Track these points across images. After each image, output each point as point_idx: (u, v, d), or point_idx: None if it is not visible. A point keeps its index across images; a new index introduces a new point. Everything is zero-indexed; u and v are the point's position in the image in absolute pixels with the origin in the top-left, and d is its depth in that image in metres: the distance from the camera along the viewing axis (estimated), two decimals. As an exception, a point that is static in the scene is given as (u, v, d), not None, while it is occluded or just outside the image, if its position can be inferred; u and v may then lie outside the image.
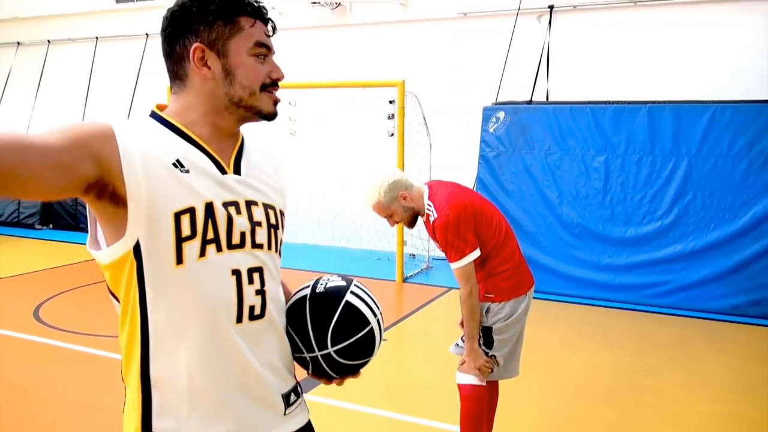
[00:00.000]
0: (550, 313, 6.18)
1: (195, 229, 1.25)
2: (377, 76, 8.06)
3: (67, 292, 6.61)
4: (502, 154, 7.00)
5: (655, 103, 6.43)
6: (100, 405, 3.93)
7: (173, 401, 1.28)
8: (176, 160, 1.27)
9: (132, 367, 1.31)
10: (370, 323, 1.45)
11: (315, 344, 1.42)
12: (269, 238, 1.37)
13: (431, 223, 2.84)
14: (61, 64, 11.26)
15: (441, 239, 2.81)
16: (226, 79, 1.33)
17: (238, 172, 1.37)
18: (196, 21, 1.32)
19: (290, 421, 1.44)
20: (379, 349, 1.50)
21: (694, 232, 6.24)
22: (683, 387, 4.33)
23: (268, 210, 1.39)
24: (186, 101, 1.35)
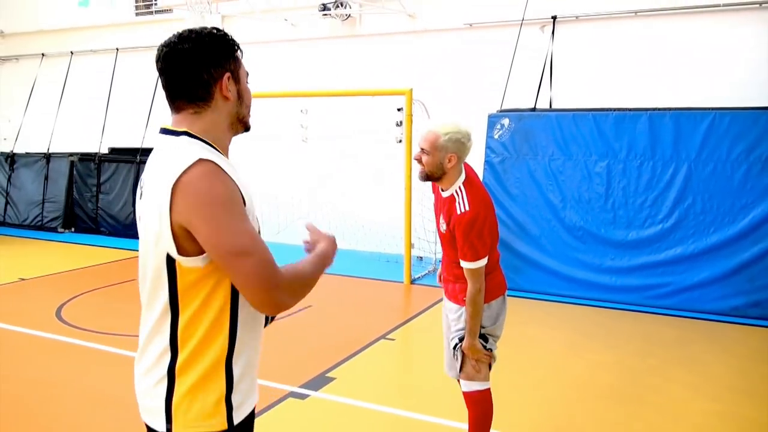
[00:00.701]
0: (553, 314, 6.15)
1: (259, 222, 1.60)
2: (386, 84, 8.07)
3: (88, 293, 6.64)
4: (507, 160, 6.98)
5: (656, 110, 6.40)
6: (120, 401, 3.94)
7: (241, 378, 1.55)
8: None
9: (211, 353, 1.51)
10: None
11: None
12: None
13: (457, 212, 2.67)
14: (83, 74, 11.34)
15: (462, 234, 2.65)
16: (239, 100, 1.61)
17: None
18: (223, 55, 1.57)
19: None
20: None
21: (694, 235, 6.19)
22: (684, 386, 4.29)
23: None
24: (210, 120, 1.57)
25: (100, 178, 10.36)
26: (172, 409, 1.52)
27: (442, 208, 2.80)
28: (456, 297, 2.91)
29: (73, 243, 9.65)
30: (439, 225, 2.86)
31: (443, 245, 2.90)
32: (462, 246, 2.67)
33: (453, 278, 2.90)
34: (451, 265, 2.88)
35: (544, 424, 3.70)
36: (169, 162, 1.48)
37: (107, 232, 10.26)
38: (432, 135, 2.69)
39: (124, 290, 6.81)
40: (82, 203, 10.55)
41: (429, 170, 2.73)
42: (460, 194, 2.71)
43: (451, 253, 2.83)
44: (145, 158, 9.94)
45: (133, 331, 5.32)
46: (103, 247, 9.30)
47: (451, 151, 2.69)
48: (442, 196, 2.82)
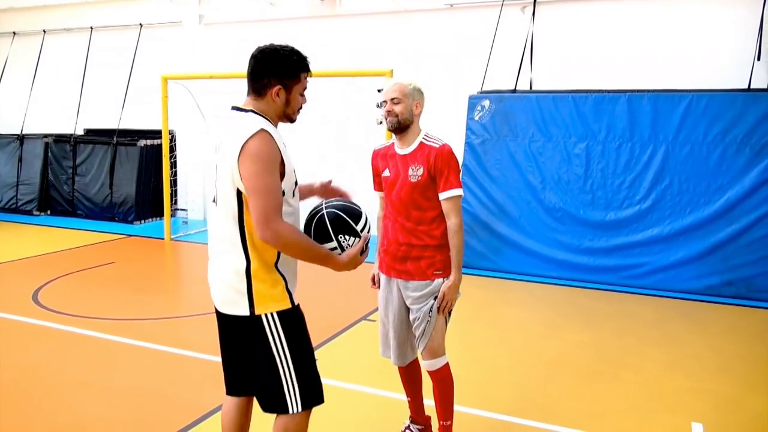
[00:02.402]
0: (532, 294, 6.20)
1: (297, 179, 2.37)
2: (366, 65, 8.00)
3: (65, 276, 6.55)
4: (487, 141, 6.98)
5: (635, 92, 6.44)
6: (100, 385, 3.91)
7: (289, 279, 2.31)
8: (284, 143, 2.27)
9: (269, 259, 2.25)
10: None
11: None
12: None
13: (436, 147, 2.83)
14: (56, 53, 11.08)
15: (446, 163, 2.79)
16: (285, 104, 2.33)
17: None
18: (282, 72, 2.29)
19: None
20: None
21: (670, 216, 6.27)
22: (660, 364, 4.37)
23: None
24: (265, 107, 2.32)
25: (75, 160, 10.18)
26: (254, 298, 2.24)
27: (409, 162, 2.87)
28: (423, 272, 2.85)
29: (49, 226, 9.50)
30: (406, 179, 2.83)
31: (406, 207, 2.85)
32: (448, 175, 2.80)
33: (420, 248, 2.84)
34: (418, 227, 2.83)
35: (521, 402, 3.75)
36: (242, 129, 2.19)
37: (84, 215, 10.11)
38: (398, 85, 2.89)
39: (102, 274, 6.72)
40: (57, 185, 10.37)
41: (402, 118, 2.86)
42: (430, 138, 2.90)
43: (422, 207, 2.82)
44: (122, 140, 9.81)
45: (113, 315, 5.29)
46: (80, 230, 9.16)
47: (416, 99, 2.91)
48: (403, 154, 2.90)
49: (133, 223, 9.63)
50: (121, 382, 3.96)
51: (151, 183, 9.77)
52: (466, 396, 3.66)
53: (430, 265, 2.84)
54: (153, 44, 10.18)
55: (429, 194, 2.83)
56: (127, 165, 9.72)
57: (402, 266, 2.90)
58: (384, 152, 3.04)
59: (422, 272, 2.85)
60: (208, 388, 3.86)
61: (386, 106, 2.91)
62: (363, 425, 3.45)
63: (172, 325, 5.12)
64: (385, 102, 2.93)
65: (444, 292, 2.84)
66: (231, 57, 9.16)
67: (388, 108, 2.90)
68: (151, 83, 9.48)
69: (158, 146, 9.46)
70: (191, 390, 3.89)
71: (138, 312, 5.38)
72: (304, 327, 2.37)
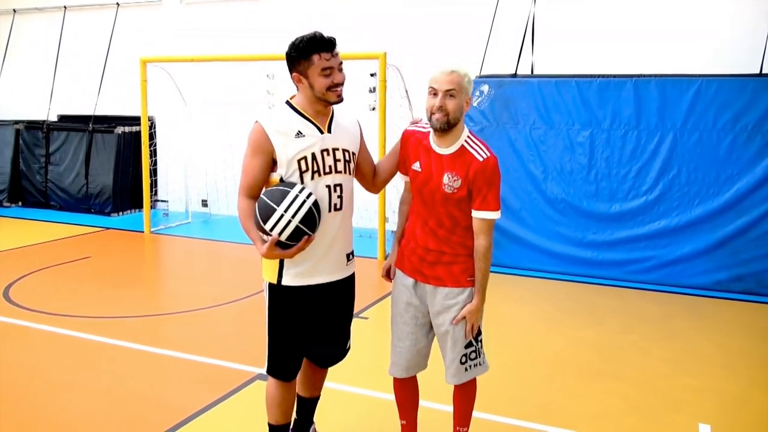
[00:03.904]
0: (533, 289, 6.25)
1: (307, 165, 2.59)
2: (358, 48, 7.99)
3: (38, 271, 6.54)
4: (486, 129, 7.00)
5: (641, 77, 6.45)
6: (77, 387, 3.92)
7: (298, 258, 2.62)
8: (298, 131, 2.60)
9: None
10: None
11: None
12: (345, 168, 2.70)
13: (479, 159, 2.59)
14: (28, 34, 11.00)
15: (487, 181, 2.59)
16: (311, 88, 2.60)
17: (329, 131, 2.67)
18: (294, 60, 2.59)
19: (348, 270, 2.83)
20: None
21: (678, 207, 6.32)
22: (665, 362, 4.42)
23: (345, 152, 2.70)
24: (301, 95, 2.66)
25: (49, 148, 10.13)
26: (262, 265, 2.71)
27: (446, 167, 2.63)
28: (457, 279, 2.70)
29: (21, 218, 9.46)
30: (440, 186, 2.63)
31: (438, 213, 2.67)
32: (486, 194, 2.60)
33: (452, 255, 2.69)
34: (451, 236, 2.68)
35: (522, 402, 3.79)
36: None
37: (58, 207, 10.08)
38: (457, 75, 2.59)
39: (78, 269, 6.72)
40: (29, 175, 10.32)
41: (454, 116, 2.59)
42: (473, 143, 2.65)
43: (455, 218, 2.66)
44: (98, 126, 9.76)
45: (89, 312, 5.29)
46: (54, 223, 9.13)
47: (469, 94, 2.66)
48: (440, 154, 2.66)
49: (110, 215, 9.61)
50: (99, 384, 3.98)
51: (130, 172, 9.75)
52: (463, 396, 3.69)
53: (463, 270, 2.70)
54: (131, 25, 10.13)
55: (464, 207, 2.66)
56: (103, 153, 9.69)
57: (432, 271, 2.74)
58: (418, 139, 2.76)
59: (455, 278, 2.71)
60: (193, 389, 3.89)
61: (434, 99, 2.59)
62: (356, 430, 3.48)
63: (154, 323, 5.13)
64: (434, 92, 2.60)
65: (466, 317, 2.71)
66: (214, 38, 9.13)
67: (438, 103, 2.57)
68: (129, 66, 9.43)
69: (137, 133, 9.43)
70: (174, 391, 3.91)
71: (117, 309, 5.39)
72: (289, 307, 2.69)
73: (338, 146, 2.66)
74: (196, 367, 4.25)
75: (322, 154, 2.61)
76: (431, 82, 2.63)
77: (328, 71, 2.56)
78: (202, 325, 5.07)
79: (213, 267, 7.18)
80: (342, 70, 2.62)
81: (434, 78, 2.62)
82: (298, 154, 2.57)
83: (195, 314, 5.29)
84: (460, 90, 2.59)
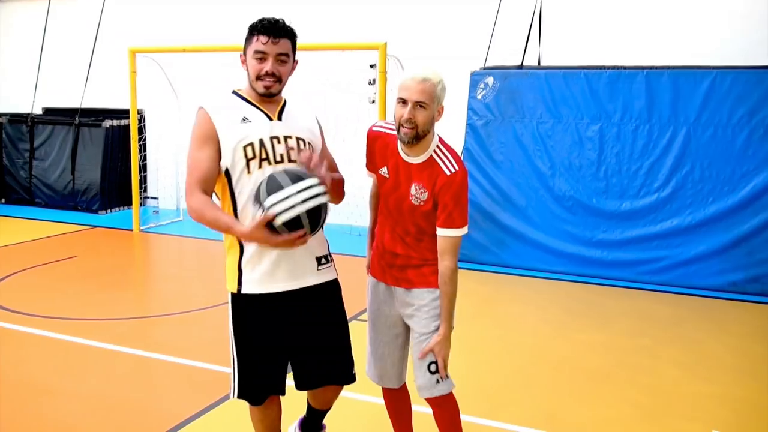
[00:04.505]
0: (539, 291, 6.26)
1: (254, 152, 2.47)
2: (357, 38, 7.98)
3: (22, 272, 6.55)
4: (491, 123, 7.00)
5: (653, 69, 6.46)
6: (63, 392, 3.93)
7: (251, 257, 2.51)
8: (244, 116, 2.50)
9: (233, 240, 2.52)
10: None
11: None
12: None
13: (446, 173, 2.54)
14: (11, 24, 11.00)
15: (454, 197, 2.53)
16: (247, 71, 2.52)
17: (280, 119, 2.56)
18: (245, 41, 2.53)
19: (321, 276, 2.62)
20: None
21: (691, 205, 6.32)
22: (678, 367, 4.43)
23: (299, 141, 2.55)
24: (246, 83, 2.57)
25: (33, 143, 10.14)
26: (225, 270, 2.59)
27: (413, 178, 2.59)
28: (427, 280, 2.69)
29: (4, 216, 9.47)
30: (407, 197, 2.61)
31: (405, 221, 2.67)
32: (452, 211, 2.55)
33: (419, 260, 2.69)
34: (419, 243, 2.68)
35: (528, 409, 3.80)
36: None
37: (43, 204, 10.09)
38: (430, 85, 2.48)
39: (64, 269, 6.73)
40: (13, 171, 10.33)
41: (423, 129, 2.50)
42: (442, 154, 2.59)
43: (422, 228, 2.65)
44: (85, 120, 9.76)
45: (76, 314, 5.30)
46: (39, 221, 9.14)
47: (440, 103, 2.56)
48: (410, 163, 2.60)
49: (98, 213, 9.62)
50: (86, 389, 3.99)
51: (118, 168, 9.75)
52: (465, 403, 3.68)
53: (434, 272, 2.66)
54: (119, 13, 10.12)
55: (432, 219, 2.62)
56: (91, 148, 9.69)
57: (401, 274, 2.74)
58: (385, 141, 2.69)
59: (425, 280, 2.69)
60: (185, 395, 3.90)
61: (403, 109, 2.50)
62: (353, 434, 3.49)
63: (143, 326, 5.14)
64: (402, 101, 2.51)
65: (433, 350, 2.64)
66: (207, 28, 9.12)
67: (407, 114, 2.48)
68: (117, 57, 9.43)
69: (126, 127, 9.44)
70: (166, 397, 3.92)
71: (105, 311, 5.40)
72: (251, 319, 2.56)
73: (291, 134, 2.53)
74: (188, 372, 4.26)
75: (272, 141, 2.49)
76: (400, 89, 2.51)
77: (260, 56, 2.45)
78: (194, 327, 5.08)
79: (205, 267, 7.18)
80: (282, 63, 2.48)
81: (403, 85, 2.51)
82: (244, 139, 2.45)
83: (186, 316, 5.30)
84: (432, 100, 2.49)
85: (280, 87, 2.53)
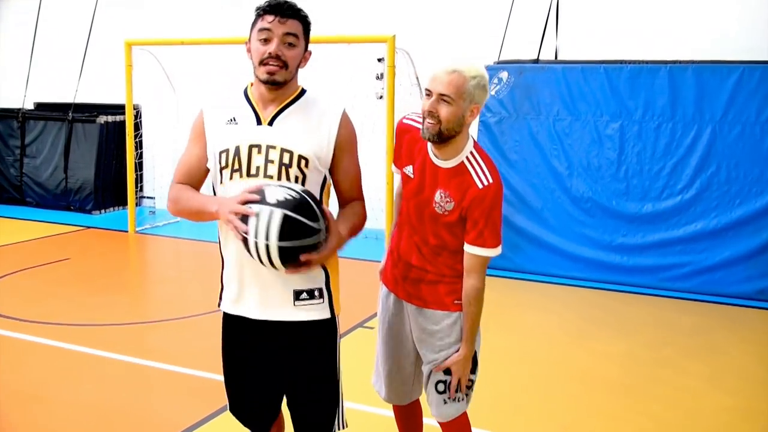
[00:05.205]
0: (556, 297, 6.25)
1: (227, 161, 2.24)
2: (364, 30, 8.01)
3: (12, 274, 6.59)
4: (505, 120, 7.01)
5: (677, 63, 6.45)
6: (54, 400, 3.96)
7: (228, 269, 2.33)
8: (232, 117, 2.27)
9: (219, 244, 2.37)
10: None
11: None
12: (279, 173, 2.20)
13: (478, 186, 2.41)
14: (2, 14, 11.06)
15: (485, 213, 2.41)
16: (251, 56, 2.25)
17: (270, 124, 2.25)
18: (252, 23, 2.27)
19: (299, 313, 2.27)
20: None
21: (717, 208, 6.30)
22: (701, 379, 4.43)
23: (284, 153, 2.21)
24: (252, 71, 2.28)
25: (24, 139, 10.20)
26: None
27: (440, 184, 2.47)
28: (441, 301, 2.57)
29: (-6, 216, 9.55)
30: (430, 203, 2.50)
31: (425, 230, 2.55)
32: (483, 229, 2.41)
33: (436, 275, 2.57)
34: (437, 257, 2.56)
35: (543, 422, 3.81)
36: None
37: (34, 203, 10.15)
38: (458, 77, 2.33)
39: (56, 272, 6.77)
40: (3, 169, 10.40)
41: (447, 126, 2.37)
42: (475, 162, 2.45)
43: (443, 241, 2.53)
44: (79, 115, 9.80)
45: (68, 319, 5.33)
46: (30, 221, 9.20)
47: (475, 101, 2.39)
48: (438, 166, 2.49)
49: (91, 213, 9.68)
50: (80, 397, 4.02)
51: (113, 166, 9.80)
52: (478, 415, 3.69)
53: (450, 292, 2.56)
54: (115, 3, 10.18)
55: (456, 231, 2.49)
56: (84, 145, 9.75)
57: (414, 289, 2.62)
58: (414, 136, 2.56)
59: (440, 301, 2.57)
60: (182, 404, 3.92)
61: (428, 103, 2.39)
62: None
63: (139, 332, 5.17)
64: (428, 93, 2.40)
65: (451, 368, 2.55)
66: (206, 19, 9.17)
67: (429, 107, 2.38)
68: (112, 50, 9.48)
69: (121, 123, 9.48)
70: (162, 405, 3.95)
71: (99, 316, 5.43)
72: (225, 339, 2.43)
73: (275, 144, 2.21)
74: (185, 380, 4.29)
75: (250, 149, 2.22)
76: (429, 80, 2.42)
77: (264, 36, 2.19)
78: (192, 333, 5.10)
79: (203, 270, 7.21)
80: (291, 47, 2.21)
81: (432, 75, 2.41)
82: (221, 144, 2.25)
83: (184, 322, 5.33)
84: (460, 96, 2.34)
85: (287, 75, 2.23)
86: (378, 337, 2.82)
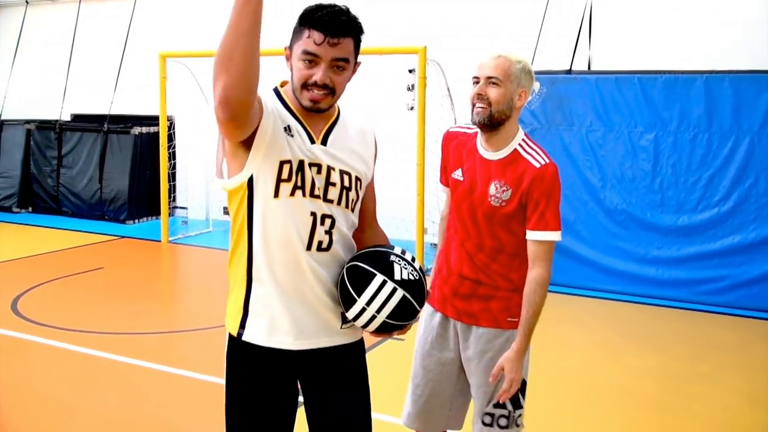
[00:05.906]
0: (590, 311, 6.18)
1: (291, 175, 1.96)
2: (395, 41, 8.02)
3: (48, 282, 6.70)
4: (537, 131, 6.96)
5: (713, 73, 6.37)
6: (84, 407, 4.00)
7: (263, 294, 2.02)
8: (287, 125, 1.98)
9: (239, 265, 2.04)
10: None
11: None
12: (340, 196, 2.04)
13: (536, 166, 2.39)
14: (40, 28, 11.33)
15: (546, 193, 2.38)
16: (291, 68, 2.00)
17: (324, 143, 2.04)
18: (293, 32, 2.00)
19: (345, 336, 2.12)
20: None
21: (755, 220, 6.19)
22: (739, 396, 4.33)
23: (344, 175, 2.04)
24: (289, 84, 2.04)
25: (61, 150, 10.40)
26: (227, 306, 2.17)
27: (493, 175, 2.43)
28: (494, 318, 2.48)
29: (31, 225, 9.73)
30: (485, 199, 2.43)
31: (480, 233, 2.47)
32: (545, 210, 2.38)
33: (490, 287, 2.48)
34: (492, 263, 2.47)
35: (575, 438, 3.75)
36: None
37: (70, 213, 10.32)
38: (504, 61, 2.41)
39: (90, 280, 6.87)
40: (40, 179, 10.60)
41: (498, 108, 2.38)
42: (529, 148, 2.44)
43: (500, 241, 2.46)
44: (114, 127, 9.96)
45: (101, 328, 5.39)
46: (66, 230, 9.36)
47: (522, 86, 2.43)
48: (488, 159, 2.46)
49: (125, 223, 9.82)
50: (109, 405, 4.05)
51: (147, 177, 9.95)
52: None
53: (504, 308, 2.48)
54: (150, 17, 10.36)
55: (514, 226, 2.44)
56: (119, 156, 9.91)
57: (465, 305, 2.52)
58: (461, 141, 2.57)
59: (492, 318, 2.49)
60: (207, 413, 3.93)
61: (476, 87, 2.43)
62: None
63: (169, 341, 5.22)
64: (476, 80, 2.44)
65: (502, 366, 2.41)
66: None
67: (479, 90, 2.41)
68: (147, 62, 9.64)
69: (155, 134, 9.62)
70: (190, 415, 3.96)
71: (130, 325, 5.49)
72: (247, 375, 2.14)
73: (335, 165, 2.03)
74: (213, 390, 4.29)
75: (311, 168, 1.99)
76: (475, 69, 2.46)
77: (311, 59, 1.92)
78: (222, 343, 5.11)
79: (234, 280, 7.26)
80: (340, 71, 1.95)
81: (478, 64, 2.45)
82: (283, 153, 1.94)
83: (214, 332, 5.35)
84: (507, 78, 2.39)
85: (332, 101, 2.00)
86: (414, 361, 2.69)
